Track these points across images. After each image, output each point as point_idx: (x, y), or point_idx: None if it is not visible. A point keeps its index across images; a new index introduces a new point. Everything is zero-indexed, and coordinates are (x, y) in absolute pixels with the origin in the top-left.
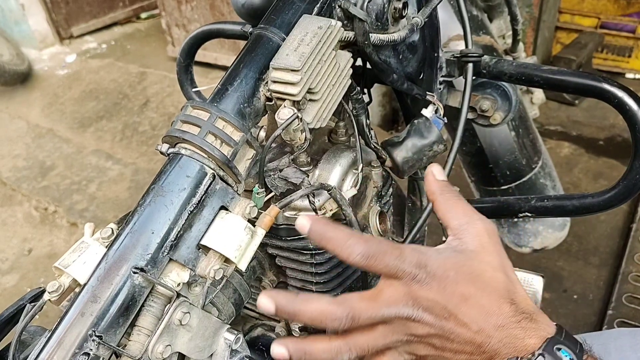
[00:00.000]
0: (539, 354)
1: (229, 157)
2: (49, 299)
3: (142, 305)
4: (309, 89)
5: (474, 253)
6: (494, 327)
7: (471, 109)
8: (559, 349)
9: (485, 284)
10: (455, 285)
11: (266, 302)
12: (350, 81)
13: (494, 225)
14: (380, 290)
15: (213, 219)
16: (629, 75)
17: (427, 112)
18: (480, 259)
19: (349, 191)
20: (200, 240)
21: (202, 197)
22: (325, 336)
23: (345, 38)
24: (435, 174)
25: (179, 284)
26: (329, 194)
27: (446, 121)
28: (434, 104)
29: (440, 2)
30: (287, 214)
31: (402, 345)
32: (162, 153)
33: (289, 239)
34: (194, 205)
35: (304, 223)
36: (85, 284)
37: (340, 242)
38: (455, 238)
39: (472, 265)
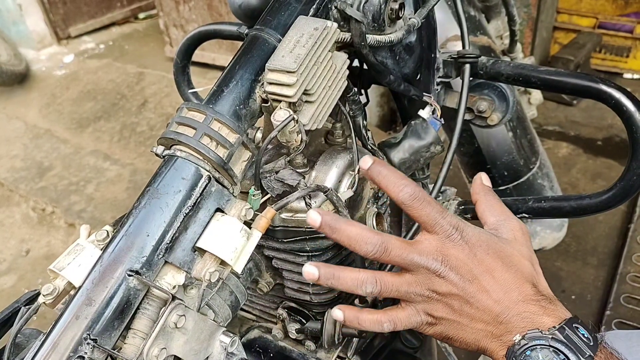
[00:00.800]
0: (560, 326)
1: (224, 159)
2: (44, 302)
3: (138, 308)
4: (305, 90)
5: (507, 240)
6: (514, 301)
7: (468, 109)
8: (577, 328)
9: (512, 264)
10: (484, 255)
11: (314, 215)
12: (346, 82)
13: (527, 227)
14: (415, 241)
15: (209, 221)
16: (627, 76)
17: (424, 113)
18: (512, 246)
19: (345, 192)
20: (195, 242)
21: (197, 199)
22: (355, 268)
23: (341, 39)
24: (482, 180)
25: (174, 287)
26: (326, 195)
27: (443, 122)
28: (431, 105)
29: (437, 2)
30: (284, 215)
31: (422, 302)
32: (157, 155)
33: (285, 240)
34: (190, 208)
35: (366, 160)
36: (80, 287)
37: (393, 180)
38: (491, 230)
39: (504, 247)
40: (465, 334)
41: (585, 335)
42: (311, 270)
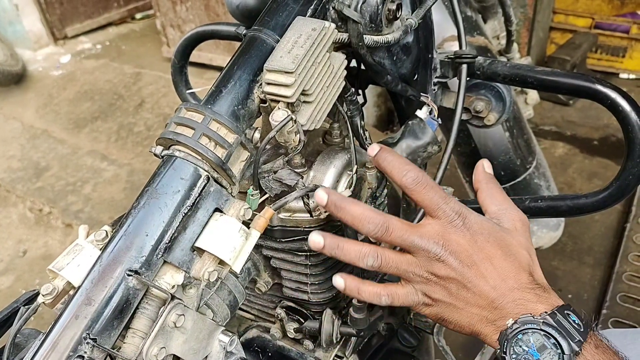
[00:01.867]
0: (552, 312)
1: (223, 159)
2: (43, 302)
3: (137, 308)
4: (303, 90)
5: (508, 230)
6: (510, 288)
7: (465, 110)
8: (568, 315)
9: (510, 252)
10: (485, 243)
11: (321, 194)
12: (344, 83)
13: (527, 219)
14: (418, 224)
15: (207, 221)
16: (623, 76)
17: (421, 113)
18: (512, 235)
19: (343, 192)
20: (194, 242)
21: (196, 199)
22: (359, 242)
23: (339, 40)
24: (485, 167)
25: (173, 286)
26: None
27: (440, 122)
28: (428, 105)
29: (434, 3)
30: (282, 215)
31: (420, 282)
32: (156, 155)
33: (283, 240)
34: (188, 208)
35: (374, 148)
36: (79, 287)
37: (397, 165)
38: (492, 218)
39: (504, 236)
40: (460, 317)
41: (576, 322)
42: (317, 239)
